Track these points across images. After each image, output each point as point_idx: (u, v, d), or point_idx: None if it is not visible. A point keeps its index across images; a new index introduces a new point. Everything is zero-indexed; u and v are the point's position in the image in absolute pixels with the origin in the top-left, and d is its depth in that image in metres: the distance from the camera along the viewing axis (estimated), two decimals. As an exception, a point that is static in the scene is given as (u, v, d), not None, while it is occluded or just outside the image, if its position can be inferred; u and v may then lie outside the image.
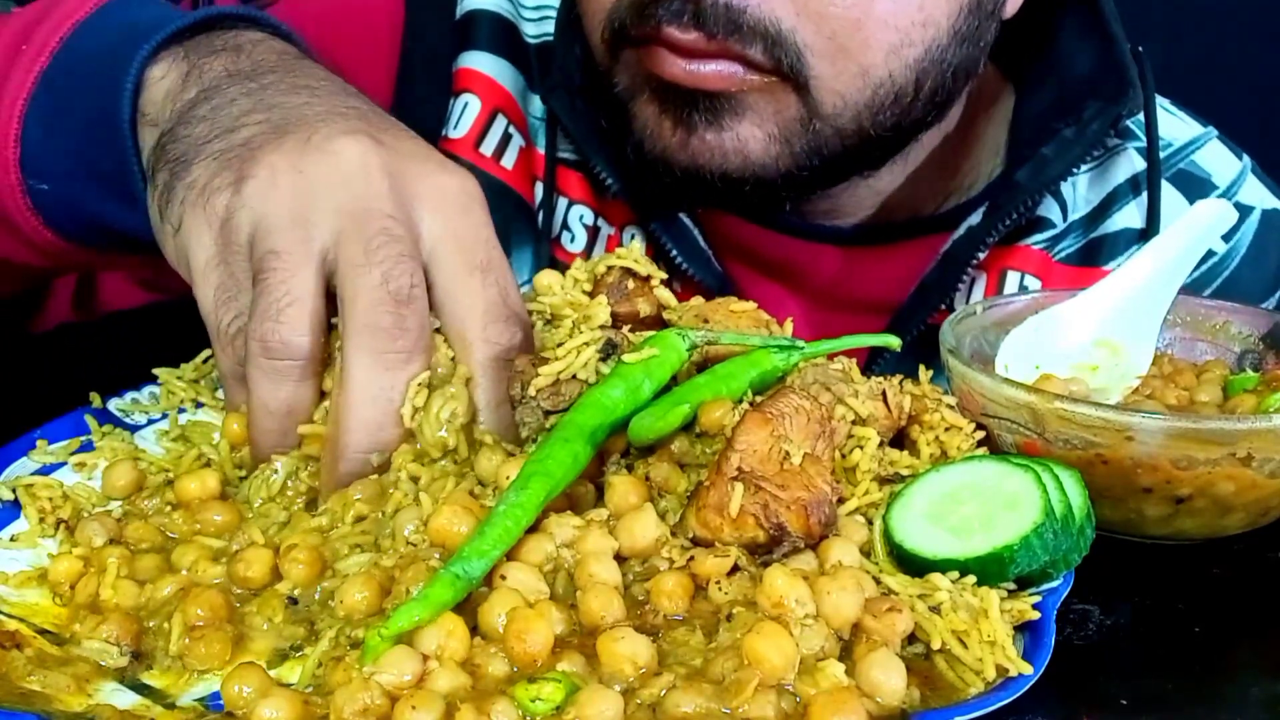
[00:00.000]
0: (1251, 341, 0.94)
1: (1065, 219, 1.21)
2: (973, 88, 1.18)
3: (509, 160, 1.24)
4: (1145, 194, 1.20)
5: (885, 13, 1.01)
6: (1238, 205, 1.22)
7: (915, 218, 1.24)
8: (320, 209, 0.75)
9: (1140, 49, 1.18)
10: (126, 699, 0.63)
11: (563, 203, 1.24)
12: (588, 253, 1.24)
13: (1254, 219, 1.24)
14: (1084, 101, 1.16)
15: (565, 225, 1.25)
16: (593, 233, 1.25)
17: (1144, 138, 1.20)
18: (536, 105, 1.25)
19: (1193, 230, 0.95)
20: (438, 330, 0.77)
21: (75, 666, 0.64)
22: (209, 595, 0.67)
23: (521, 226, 1.23)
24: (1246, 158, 1.27)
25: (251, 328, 0.74)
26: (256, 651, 0.66)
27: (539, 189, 1.25)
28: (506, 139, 1.23)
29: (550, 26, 1.26)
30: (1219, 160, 1.25)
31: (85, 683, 0.63)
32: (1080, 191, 1.22)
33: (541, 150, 1.24)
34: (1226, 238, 1.22)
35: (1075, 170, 1.16)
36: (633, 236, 1.22)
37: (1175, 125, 1.26)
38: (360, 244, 0.74)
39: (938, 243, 1.21)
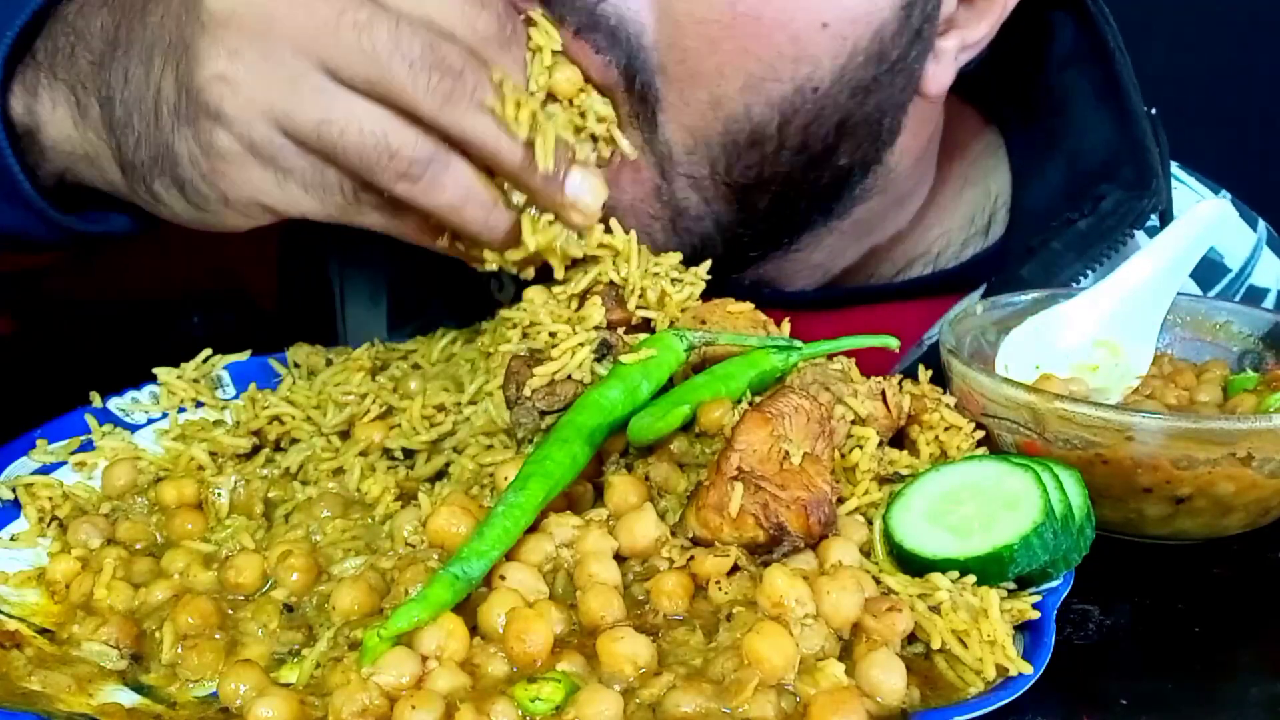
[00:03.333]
0: (1251, 341, 0.94)
1: None
2: (926, 150, 1.06)
3: None
4: None
5: (746, 36, 0.89)
6: (1251, 289, 1.14)
7: (872, 285, 1.13)
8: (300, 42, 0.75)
9: (1154, 111, 1.06)
10: (129, 698, 0.63)
11: None
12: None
13: (1269, 304, 1.15)
14: (1097, 185, 1.04)
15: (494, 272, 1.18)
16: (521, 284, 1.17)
17: (1154, 219, 1.05)
18: None
19: (1192, 231, 0.95)
20: None
21: (76, 667, 0.64)
22: (200, 603, 0.67)
23: (444, 283, 1.14)
24: (1261, 226, 1.17)
25: (367, 165, 0.74)
26: (252, 658, 0.66)
27: None
28: None
29: None
30: (1232, 238, 1.14)
31: (87, 683, 0.63)
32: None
33: None
34: None
35: (1090, 272, 1.02)
36: None
37: (1187, 199, 1.14)
38: (354, 50, 0.74)
39: (908, 312, 1.10)
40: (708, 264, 0.87)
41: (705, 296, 0.87)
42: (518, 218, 0.81)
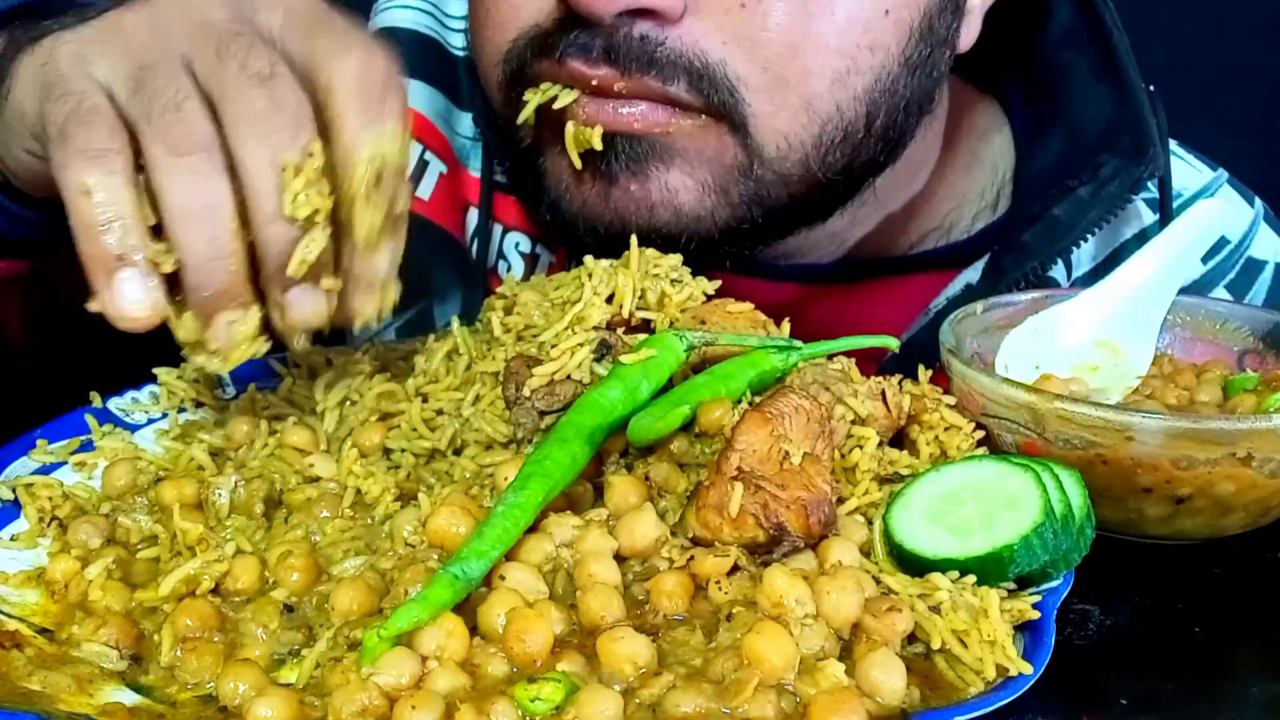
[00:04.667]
0: (1251, 341, 0.94)
1: (1069, 277, 1.13)
2: (935, 119, 1.09)
3: (425, 190, 1.15)
4: None
5: (825, 35, 0.91)
6: (1250, 261, 1.16)
7: (886, 257, 1.15)
8: (168, 33, 0.71)
9: (1152, 88, 1.09)
10: (130, 698, 0.63)
11: (497, 229, 1.16)
12: None
13: (1266, 275, 1.17)
14: (1097, 155, 1.07)
15: (501, 254, 1.16)
16: (531, 261, 1.16)
17: (1153, 189, 1.11)
18: (465, 124, 1.17)
19: (1192, 230, 0.95)
20: None
21: (76, 667, 0.64)
22: (199, 605, 0.67)
23: (445, 266, 1.14)
24: (1258, 203, 1.20)
25: (151, 130, 0.68)
26: (252, 658, 0.66)
27: (470, 217, 1.16)
28: (423, 166, 1.15)
29: None
30: (1229, 211, 1.16)
31: (87, 683, 0.63)
32: (1084, 246, 1.11)
33: (473, 173, 1.15)
34: (1239, 296, 1.15)
35: (1090, 235, 1.06)
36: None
37: (1186, 173, 1.18)
38: (211, 47, 0.70)
39: (918, 284, 1.13)
40: (718, 283, 0.87)
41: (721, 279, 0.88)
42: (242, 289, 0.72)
